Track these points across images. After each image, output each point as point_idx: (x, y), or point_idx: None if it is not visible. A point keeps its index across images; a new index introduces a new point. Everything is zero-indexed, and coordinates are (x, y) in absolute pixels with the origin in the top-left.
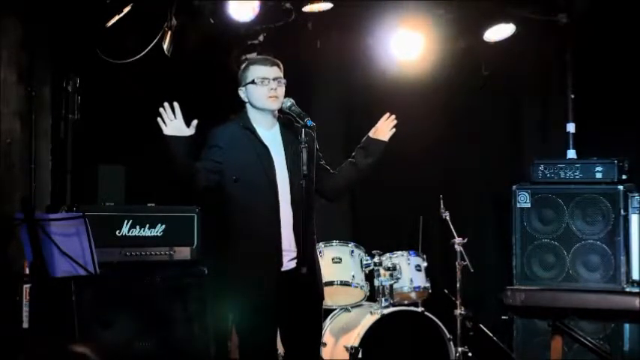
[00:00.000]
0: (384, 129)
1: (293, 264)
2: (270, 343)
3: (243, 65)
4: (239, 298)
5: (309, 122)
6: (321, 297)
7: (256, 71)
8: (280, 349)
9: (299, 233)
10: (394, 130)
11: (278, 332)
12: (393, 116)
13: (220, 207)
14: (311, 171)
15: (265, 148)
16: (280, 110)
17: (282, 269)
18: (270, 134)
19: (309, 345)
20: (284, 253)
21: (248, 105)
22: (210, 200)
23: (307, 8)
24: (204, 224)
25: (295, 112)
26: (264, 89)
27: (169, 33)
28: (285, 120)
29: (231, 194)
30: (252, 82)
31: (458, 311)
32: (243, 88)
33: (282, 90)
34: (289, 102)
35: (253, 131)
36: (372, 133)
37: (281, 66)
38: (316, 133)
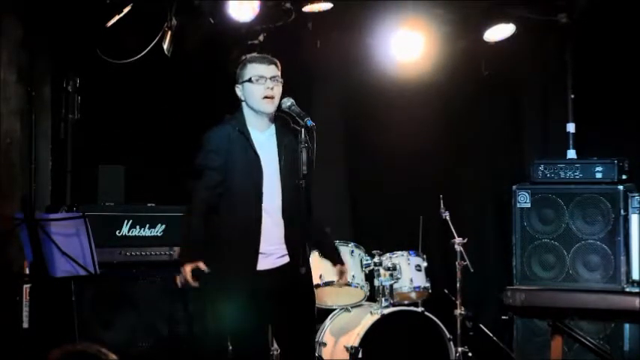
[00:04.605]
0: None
1: (282, 261)
2: (257, 342)
3: (241, 63)
4: (220, 299)
5: (309, 122)
6: (312, 292)
7: (253, 69)
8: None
9: (290, 235)
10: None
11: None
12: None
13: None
14: (310, 172)
15: (256, 156)
16: (280, 109)
17: (271, 267)
18: (264, 137)
19: (304, 342)
20: (269, 253)
21: (244, 104)
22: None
23: (307, 8)
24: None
25: (295, 112)
26: (260, 88)
27: (169, 33)
28: (281, 119)
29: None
30: (249, 80)
31: (458, 311)
32: (240, 86)
33: (278, 89)
34: (289, 101)
35: (247, 136)
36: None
37: (279, 65)
38: (316, 133)
